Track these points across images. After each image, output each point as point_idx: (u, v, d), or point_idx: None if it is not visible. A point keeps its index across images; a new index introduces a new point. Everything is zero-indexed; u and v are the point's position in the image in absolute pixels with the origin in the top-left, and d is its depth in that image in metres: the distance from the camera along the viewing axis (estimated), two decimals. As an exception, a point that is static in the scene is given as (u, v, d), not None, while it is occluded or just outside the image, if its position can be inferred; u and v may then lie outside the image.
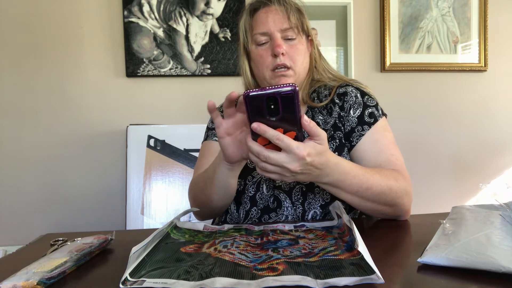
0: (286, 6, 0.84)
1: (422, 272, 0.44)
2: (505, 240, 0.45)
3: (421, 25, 1.86)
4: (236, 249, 0.53)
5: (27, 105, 1.68)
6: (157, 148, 1.60)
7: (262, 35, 0.83)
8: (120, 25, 1.70)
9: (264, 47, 0.84)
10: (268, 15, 0.84)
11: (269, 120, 0.53)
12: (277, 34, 0.82)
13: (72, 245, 0.55)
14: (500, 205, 0.54)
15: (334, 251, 0.50)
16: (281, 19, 0.83)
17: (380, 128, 0.82)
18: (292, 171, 0.55)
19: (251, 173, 0.85)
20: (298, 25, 0.84)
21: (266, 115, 0.52)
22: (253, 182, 0.83)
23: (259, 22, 0.84)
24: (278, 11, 0.83)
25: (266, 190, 0.82)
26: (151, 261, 0.48)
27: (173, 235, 0.62)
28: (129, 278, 0.42)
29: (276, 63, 0.82)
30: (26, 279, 0.42)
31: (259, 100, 0.51)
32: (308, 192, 0.79)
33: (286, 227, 0.67)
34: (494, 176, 1.98)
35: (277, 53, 0.81)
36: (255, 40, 0.85)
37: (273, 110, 0.52)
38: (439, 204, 1.90)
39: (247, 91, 0.51)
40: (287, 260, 0.47)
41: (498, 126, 1.98)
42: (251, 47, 0.86)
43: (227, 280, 0.41)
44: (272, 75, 0.84)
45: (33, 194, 1.69)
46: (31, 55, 1.67)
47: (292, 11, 0.84)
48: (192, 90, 1.75)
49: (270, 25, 0.82)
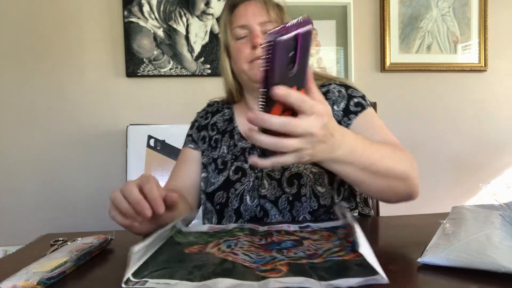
0: (265, 1, 0.84)
1: (422, 272, 0.44)
2: (505, 240, 0.45)
3: (421, 25, 1.86)
4: (240, 250, 0.52)
5: (27, 105, 1.68)
6: (157, 148, 1.60)
7: (241, 28, 0.82)
8: (120, 25, 1.70)
9: (243, 40, 0.83)
10: (247, 8, 0.83)
11: (287, 75, 0.41)
12: (256, 27, 0.81)
13: (72, 245, 0.55)
14: (500, 205, 0.54)
15: (339, 252, 0.49)
16: (260, 12, 0.82)
17: (369, 115, 0.79)
18: (316, 137, 0.46)
19: (233, 186, 0.82)
20: (277, 20, 0.83)
21: (286, 67, 0.40)
22: (236, 194, 0.81)
23: (238, 16, 0.83)
24: (257, 5, 0.83)
25: (250, 200, 0.79)
26: (154, 262, 0.48)
27: (177, 238, 0.62)
28: (131, 279, 0.42)
29: (255, 55, 0.80)
30: (26, 279, 0.42)
31: (286, 45, 0.38)
32: (295, 201, 0.76)
33: (291, 228, 0.66)
34: (494, 176, 1.97)
35: (256, 44, 0.79)
36: (234, 34, 0.83)
37: (291, 59, 0.40)
38: (439, 204, 1.89)
39: (272, 34, 0.37)
40: (291, 262, 0.46)
41: (498, 126, 1.97)
42: (231, 43, 0.85)
43: (229, 281, 0.40)
44: (250, 66, 0.81)
45: (33, 194, 1.69)
46: (31, 55, 1.67)
47: (272, 6, 0.83)
48: (192, 90, 1.75)
49: (249, 18, 0.82)
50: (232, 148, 0.87)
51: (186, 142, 0.95)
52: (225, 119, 0.93)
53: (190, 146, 0.93)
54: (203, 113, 0.98)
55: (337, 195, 0.79)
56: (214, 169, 0.86)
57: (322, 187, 0.77)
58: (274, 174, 0.80)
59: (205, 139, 0.92)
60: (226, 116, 0.93)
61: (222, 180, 0.83)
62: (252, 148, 0.85)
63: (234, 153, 0.86)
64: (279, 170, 0.80)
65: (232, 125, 0.91)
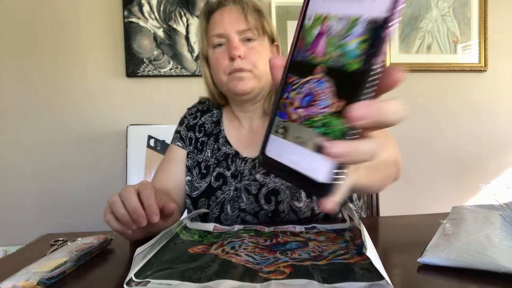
0: (242, 5, 0.77)
1: (422, 272, 0.44)
2: (505, 240, 0.45)
3: (421, 25, 1.86)
4: (244, 251, 0.52)
5: (27, 105, 1.68)
6: (157, 148, 1.60)
7: (218, 37, 0.77)
8: (120, 25, 1.70)
9: (221, 49, 0.78)
10: (223, 15, 0.77)
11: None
12: (234, 36, 0.76)
13: (72, 245, 0.55)
14: (500, 205, 0.54)
15: (344, 254, 0.49)
16: (238, 19, 0.76)
17: None
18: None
19: (214, 193, 0.80)
20: (257, 26, 0.77)
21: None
22: (217, 202, 0.79)
23: (215, 24, 0.78)
24: (233, 11, 0.77)
25: (230, 210, 0.78)
26: (158, 262, 0.48)
27: (182, 235, 0.62)
28: (134, 279, 0.42)
29: (233, 67, 0.75)
30: (26, 279, 0.42)
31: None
32: (275, 217, 0.75)
33: (296, 229, 0.66)
34: (494, 176, 1.97)
35: (233, 56, 0.74)
36: (212, 43, 0.78)
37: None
38: (439, 204, 1.89)
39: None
40: (295, 263, 0.46)
41: (498, 126, 1.97)
42: (209, 51, 0.80)
43: (232, 283, 0.40)
44: (229, 78, 0.77)
45: (33, 194, 1.69)
46: (31, 55, 1.67)
47: (250, 11, 0.77)
48: (192, 90, 1.73)
49: (226, 26, 0.76)
50: (215, 151, 0.85)
51: (174, 139, 0.91)
52: (213, 120, 0.90)
53: (178, 144, 0.89)
54: (193, 111, 0.95)
55: (318, 206, 0.77)
56: (198, 173, 0.84)
57: (299, 202, 0.75)
58: (251, 189, 0.77)
59: (191, 141, 0.89)
60: (214, 118, 0.91)
61: (205, 186, 0.81)
62: (235, 155, 0.82)
63: (217, 157, 0.84)
64: (256, 185, 0.77)
65: (219, 128, 0.88)
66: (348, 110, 0.25)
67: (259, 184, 0.77)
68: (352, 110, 0.25)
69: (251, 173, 0.79)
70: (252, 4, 0.79)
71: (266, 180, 0.77)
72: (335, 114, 0.27)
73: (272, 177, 0.77)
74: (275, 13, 1.77)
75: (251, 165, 0.80)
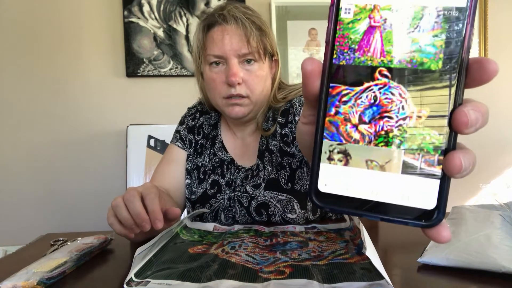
0: (245, 27, 0.72)
1: (422, 272, 0.44)
2: (505, 240, 0.45)
3: (421, 25, 1.87)
4: (244, 251, 0.52)
5: (27, 105, 1.68)
6: (157, 148, 1.60)
7: (216, 57, 0.73)
8: (120, 25, 1.70)
9: (218, 69, 0.74)
10: (224, 36, 0.72)
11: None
12: (234, 60, 0.72)
13: (72, 245, 0.55)
14: (500, 205, 0.54)
15: (344, 254, 0.49)
16: (239, 43, 0.71)
17: None
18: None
19: (209, 201, 0.79)
20: (259, 48, 0.73)
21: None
22: (211, 210, 0.79)
23: (214, 43, 0.73)
24: (235, 33, 0.72)
25: (224, 219, 0.78)
26: (158, 262, 0.48)
27: (182, 235, 0.62)
28: (134, 279, 0.42)
29: (230, 93, 0.73)
30: (26, 279, 0.42)
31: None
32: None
33: (296, 229, 0.66)
34: (494, 176, 1.97)
35: (232, 83, 0.71)
36: (209, 61, 0.74)
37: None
38: (439, 204, 1.89)
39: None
40: (294, 263, 0.46)
41: (498, 126, 1.97)
42: (204, 68, 0.76)
43: (232, 283, 0.40)
44: (225, 102, 0.75)
45: (33, 194, 1.69)
46: (31, 55, 1.67)
47: (253, 34, 0.72)
48: (192, 90, 1.74)
49: (226, 49, 0.71)
50: (212, 156, 0.84)
51: (174, 139, 0.89)
52: (211, 123, 0.89)
53: (178, 144, 0.88)
54: (193, 111, 0.93)
55: (313, 215, 0.76)
56: (196, 177, 0.84)
57: (292, 214, 0.74)
58: (243, 201, 0.77)
59: (191, 143, 0.88)
60: (212, 121, 0.89)
61: (201, 192, 0.81)
62: (230, 162, 0.82)
63: (212, 163, 0.83)
64: (247, 198, 0.77)
65: (216, 131, 0.87)
66: (458, 116, 0.22)
67: (250, 197, 0.77)
68: (462, 116, 0.21)
69: (242, 184, 0.78)
70: (255, 23, 0.74)
71: (255, 193, 0.76)
72: (420, 124, 0.23)
73: (262, 189, 0.76)
74: (275, 13, 1.76)
75: (244, 175, 0.79)
